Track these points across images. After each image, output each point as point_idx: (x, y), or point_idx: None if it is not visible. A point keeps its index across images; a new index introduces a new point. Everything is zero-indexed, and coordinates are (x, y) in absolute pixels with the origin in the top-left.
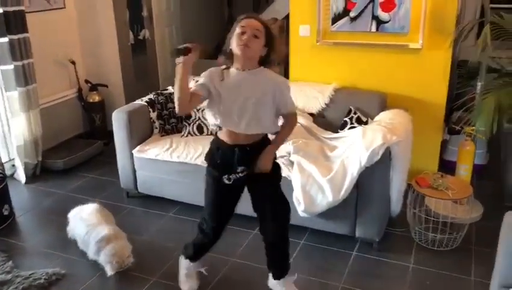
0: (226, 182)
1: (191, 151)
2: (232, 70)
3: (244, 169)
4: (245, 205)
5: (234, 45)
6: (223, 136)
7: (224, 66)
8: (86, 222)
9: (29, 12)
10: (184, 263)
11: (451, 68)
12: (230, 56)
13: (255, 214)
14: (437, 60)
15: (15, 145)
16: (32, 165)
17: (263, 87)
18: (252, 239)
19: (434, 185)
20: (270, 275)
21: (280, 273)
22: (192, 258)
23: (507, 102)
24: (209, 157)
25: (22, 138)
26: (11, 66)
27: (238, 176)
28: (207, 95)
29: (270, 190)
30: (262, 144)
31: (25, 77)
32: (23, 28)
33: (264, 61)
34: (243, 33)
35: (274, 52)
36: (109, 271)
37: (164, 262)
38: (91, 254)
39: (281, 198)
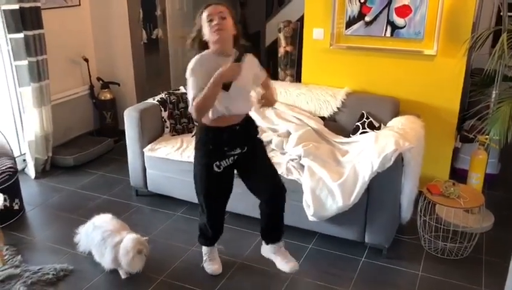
0: (216, 169)
1: None
2: (216, 56)
3: (236, 151)
4: (252, 207)
5: (209, 33)
6: (213, 122)
7: (205, 53)
8: (101, 229)
9: (45, 8)
10: (204, 249)
11: (465, 76)
12: (205, 46)
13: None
14: (451, 67)
15: (26, 141)
16: (43, 160)
17: (248, 70)
18: (259, 241)
19: (445, 193)
20: (264, 243)
21: (278, 236)
22: (207, 244)
23: None
24: (201, 144)
25: (33, 133)
26: (25, 62)
27: (229, 161)
28: None
29: (263, 154)
30: (248, 122)
31: (38, 73)
32: (39, 24)
33: (237, 41)
34: (211, 20)
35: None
36: (130, 267)
37: (171, 261)
38: (108, 261)
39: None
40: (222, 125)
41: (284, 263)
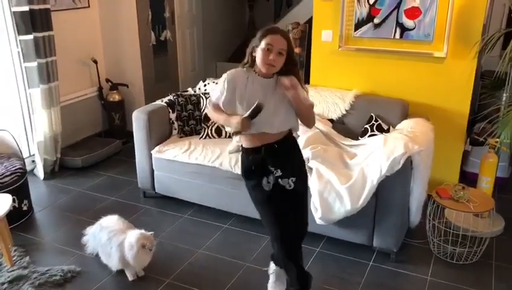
0: (266, 189)
1: (209, 154)
2: (254, 75)
3: (279, 171)
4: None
5: (260, 60)
6: (249, 142)
7: (246, 70)
8: (107, 229)
9: (54, 10)
10: (275, 270)
11: (475, 78)
12: (253, 61)
13: None
14: (461, 70)
15: (35, 142)
16: (51, 161)
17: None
18: (267, 244)
19: (455, 197)
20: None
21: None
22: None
23: None
24: (244, 168)
25: (42, 134)
26: (35, 64)
27: (274, 179)
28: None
29: (304, 198)
30: (288, 141)
31: (47, 75)
32: (48, 26)
33: (281, 71)
34: (268, 50)
35: (292, 63)
36: (135, 262)
37: (178, 264)
38: (115, 261)
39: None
40: (259, 144)
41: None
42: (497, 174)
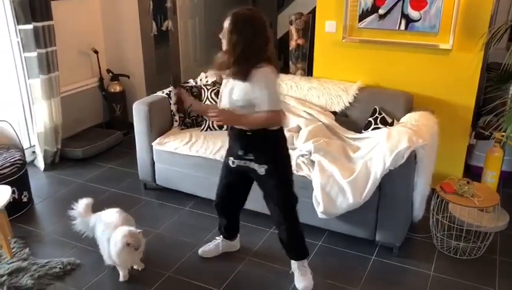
0: (231, 165)
1: (210, 146)
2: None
3: (245, 154)
4: (261, 203)
5: None
6: None
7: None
8: (103, 221)
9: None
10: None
11: (481, 71)
12: None
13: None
14: (467, 62)
15: (36, 132)
16: (52, 152)
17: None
18: (268, 238)
19: (459, 192)
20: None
21: (290, 256)
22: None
23: None
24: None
25: (42, 125)
26: (35, 54)
27: (241, 162)
28: None
29: (268, 189)
30: (264, 133)
31: (47, 65)
32: (48, 16)
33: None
34: None
35: (250, 45)
36: (119, 260)
37: (178, 257)
38: (105, 256)
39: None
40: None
41: (298, 280)
42: (503, 168)
